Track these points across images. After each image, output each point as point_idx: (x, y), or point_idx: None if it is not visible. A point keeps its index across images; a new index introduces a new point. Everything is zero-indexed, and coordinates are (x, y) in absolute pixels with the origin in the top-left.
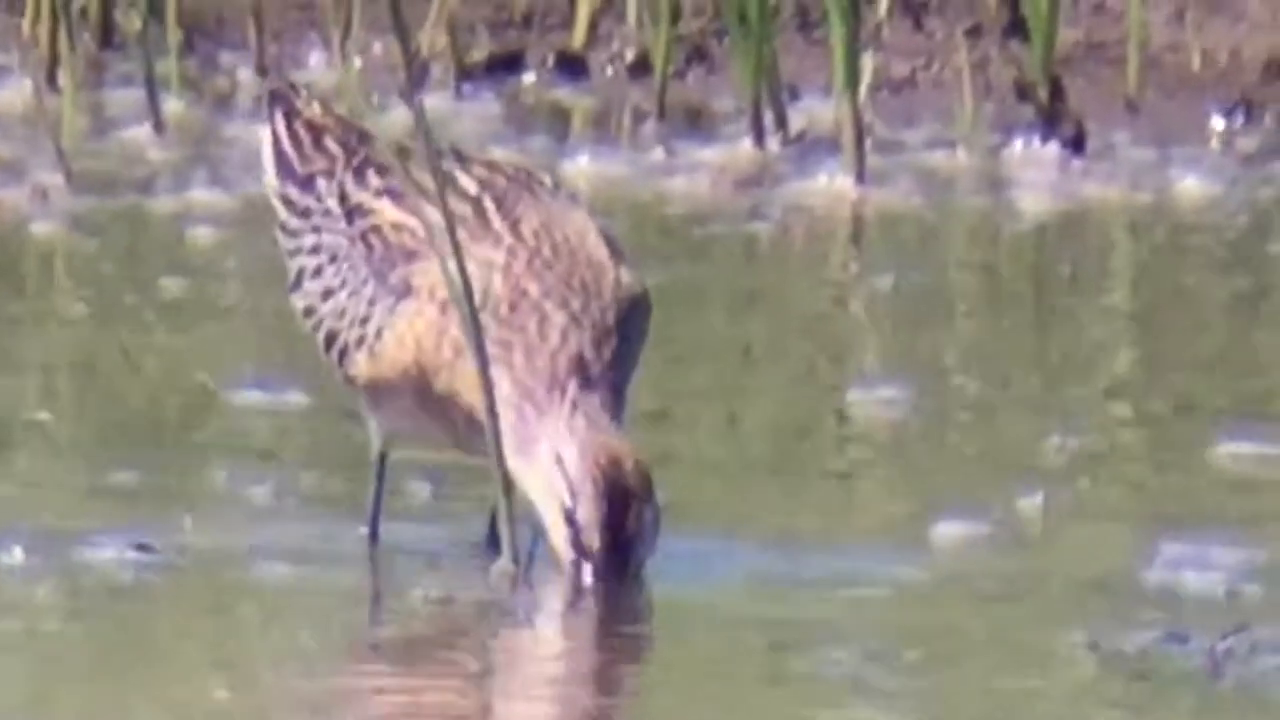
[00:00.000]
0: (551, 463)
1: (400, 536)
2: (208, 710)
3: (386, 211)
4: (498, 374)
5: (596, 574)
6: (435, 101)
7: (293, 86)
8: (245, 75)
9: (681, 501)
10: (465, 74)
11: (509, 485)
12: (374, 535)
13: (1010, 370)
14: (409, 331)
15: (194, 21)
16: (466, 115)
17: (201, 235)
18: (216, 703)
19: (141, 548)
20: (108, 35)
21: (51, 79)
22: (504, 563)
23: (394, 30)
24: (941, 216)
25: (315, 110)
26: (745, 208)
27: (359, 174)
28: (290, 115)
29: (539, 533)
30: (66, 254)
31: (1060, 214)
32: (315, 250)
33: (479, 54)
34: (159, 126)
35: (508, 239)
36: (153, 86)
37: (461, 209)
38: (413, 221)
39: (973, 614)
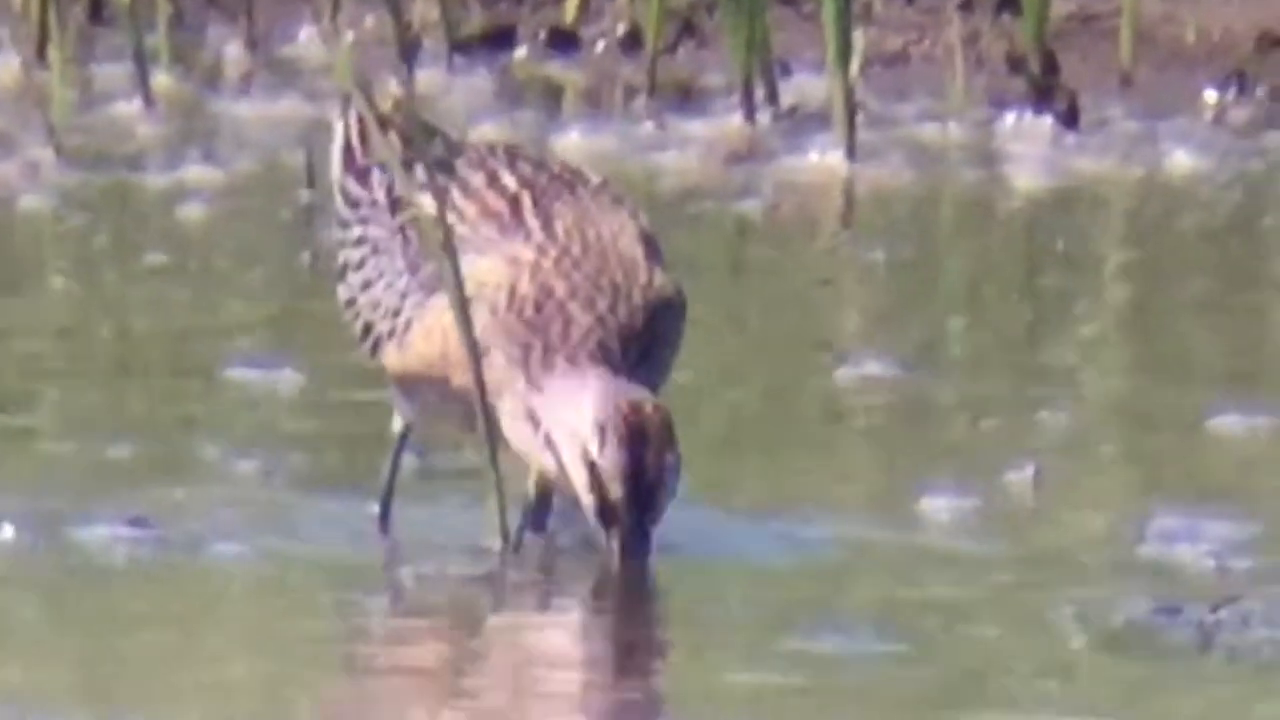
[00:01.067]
0: (571, 416)
1: (393, 513)
2: (200, 687)
3: (425, 206)
4: (515, 374)
5: (621, 521)
6: (427, 75)
7: (367, 85)
8: (235, 50)
9: None
10: (457, 48)
11: (500, 468)
12: (384, 515)
13: (1001, 344)
14: (436, 326)
15: None
16: (458, 89)
17: (191, 210)
18: (209, 679)
19: (134, 523)
20: (97, 9)
21: (41, 53)
22: (495, 541)
23: (386, 4)
24: (933, 191)
25: (385, 106)
26: (736, 183)
27: (408, 167)
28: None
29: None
30: (56, 229)
31: (1053, 188)
32: (360, 242)
33: (471, 28)
34: (148, 101)
35: (539, 236)
36: (142, 61)
37: (498, 205)
38: (450, 217)
39: (963, 588)
